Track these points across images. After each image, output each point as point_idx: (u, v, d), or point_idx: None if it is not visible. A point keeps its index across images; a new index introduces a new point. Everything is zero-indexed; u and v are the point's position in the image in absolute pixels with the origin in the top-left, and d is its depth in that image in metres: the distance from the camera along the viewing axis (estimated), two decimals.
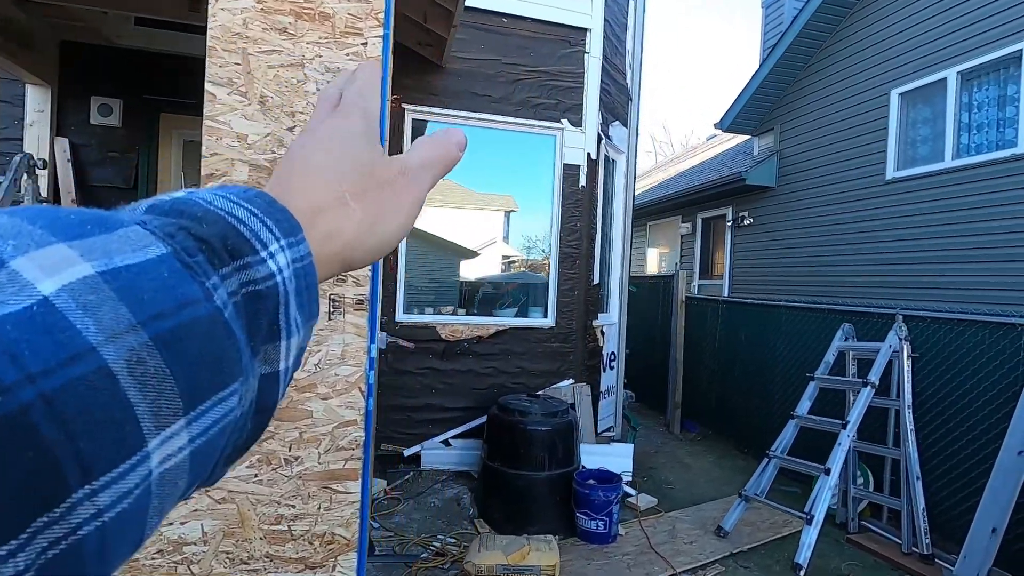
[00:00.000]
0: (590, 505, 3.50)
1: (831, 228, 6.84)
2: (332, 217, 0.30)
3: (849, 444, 3.47)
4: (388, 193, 0.33)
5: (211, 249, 0.23)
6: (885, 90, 6.15)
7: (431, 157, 0.36)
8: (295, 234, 0.27)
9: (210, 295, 0.22)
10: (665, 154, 20.05)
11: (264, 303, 0.25)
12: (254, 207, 0.26)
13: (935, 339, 3.90)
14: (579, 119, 4.57)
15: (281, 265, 0.25)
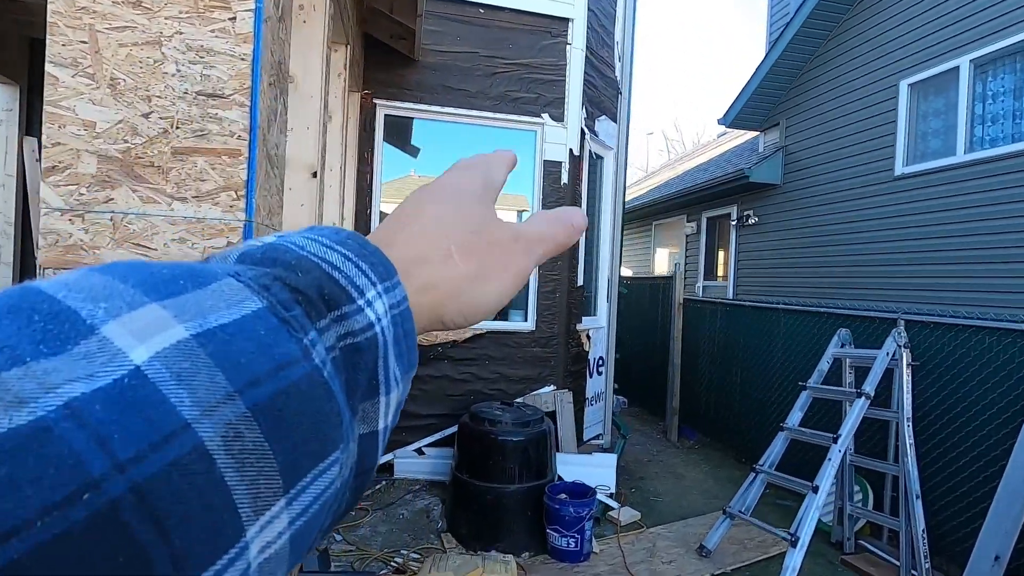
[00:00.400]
0: (560, 521, 3.30)
1: (837, 227, 6.52)
2: (433, 269, 0.29)
3: (840, 459, 3.22)
4: (497, 255, 0.31)
5: (308, 300, 0.21)
6: (894, 81, 5.83)
7: (548, 233, 0.34)
8: (391, 277, 0.25)
9: (308, 353, 0.20)
10: (677, 152, 19.66)
11: (363, 357, 0.22)
12: (347, 250, 0.24)
13: (939, 346, 3.61)
14: (561, 113, 4.37)
15: (379, 313, 0.23)
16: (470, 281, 0.30)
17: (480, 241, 0.30)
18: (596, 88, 4.72)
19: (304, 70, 2.32)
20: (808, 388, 3.74)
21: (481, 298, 0.30)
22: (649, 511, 4.30)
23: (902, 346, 3.47)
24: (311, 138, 2.32)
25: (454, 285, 0.29)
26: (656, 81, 52.64)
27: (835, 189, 6.56)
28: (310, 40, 2.31)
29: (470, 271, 0.29)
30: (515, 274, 0.32)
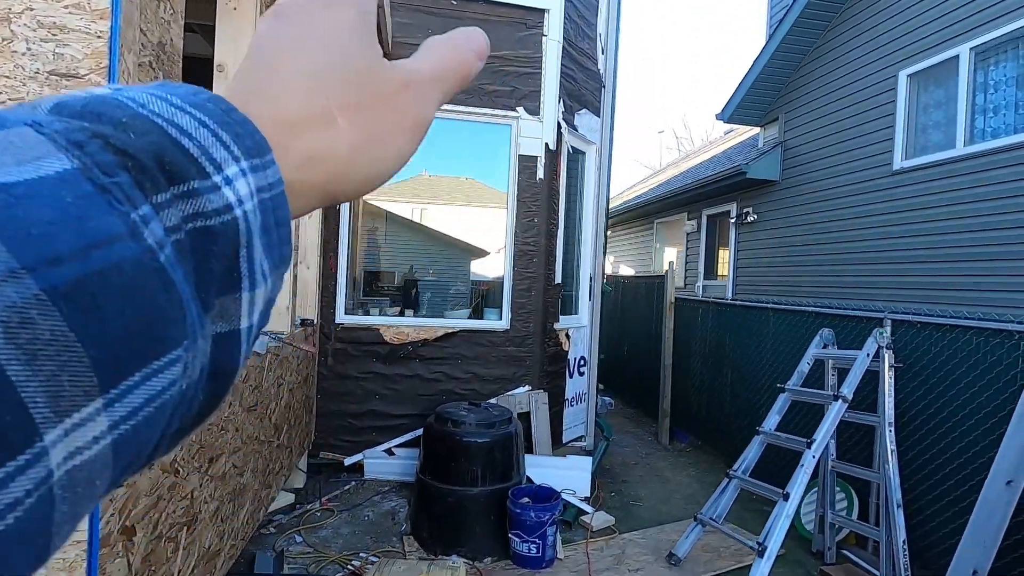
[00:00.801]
0: (522, 526, 3.20)
1: (835, 224, 6.31)
2: (314, 137, 0.23)
3: (815, 465, 3.06)
4: (387, 110, 0.25)
5: (140, 167, 0.17)
6: (893, 72, 5.61)
7: (444, 68, 0.28)
8: (262, 154, 0.21)
9: (137, 231, 0.17)
10: (686, 150, 19.38)
11: (218, 243, 0.19)
12: (205, 115, 0.20)
13: (926, 347, 3.44)
14: (536, 107, 4.26)
15: (242, 194, 0.20)
16: (359, 150, 0.25)
17: (365, 94, 0.25)
18: (575, 81, 4.60)
19: (235, 59, 2.25)
20: (787, 390, 3.59)
21: (377, 165, 0.26)
22: (626, 516, 4.18)
23: (884, 347, 3.30)
24: None
25: (343, 157, 0.24)
26: (667, 78, 52.15)
27: (834, 185, 6.35)
28: (240, 27, 2.24)
29: (359, 137, 0.25)
30: (413, 129, 0.27)
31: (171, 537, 1.67)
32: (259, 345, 2.48)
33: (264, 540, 3.43)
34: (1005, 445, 2.67)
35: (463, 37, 0.30)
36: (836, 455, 3.61)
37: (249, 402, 2.40)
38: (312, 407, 3.94)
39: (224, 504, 2.14)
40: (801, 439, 3.15)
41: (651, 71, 53.56)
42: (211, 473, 1.98)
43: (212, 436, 1.97)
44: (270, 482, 2.85)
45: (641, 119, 49.66)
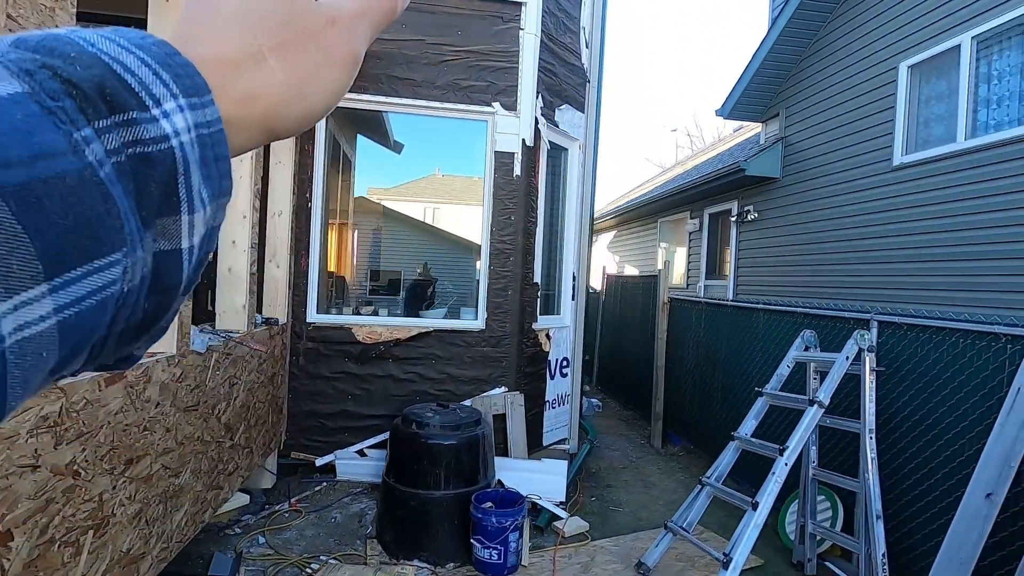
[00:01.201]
0: (484, 532, 3.11)
1: (836, 223, 6.10)
2: (248, 76, 0.25)
3: (787, 473, 2.92)
4: (315, 47, 0.27)
5: (83, 95, 0.19)
6: (894, 63, 5.38)
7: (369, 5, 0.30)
8: (200, 94, 0.22)
9: (79, 148, 0.19)
10: (697, 148, 19.08)
11: (155, 168, 0.21)
12: (148, 56, 0.21)
13: (912, 349, 3.27)
14: (513, 102, 4.17)
15: (178, 127, 0.21)
16: (295, 86, 0.26)
17: (292, 33, 0.26)
18: (556, 76, 4.49)
19: None
20: (764, 394, 3.44)
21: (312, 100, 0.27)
22: (603, 521, 4.06)
23: (865, 350, 3.14)
24: None
25: (276, 94, 0.26)
26: (678, 74, 51.48)
27: (834, 182, 6.13)
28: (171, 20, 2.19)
29: (289, 74, 0.26)
30: (343, 64, 0.28)
31: (69, 542, 1.62)
32: (199, 344, 2.43)
33: (228, 541, 3.39)
34: (986, 454, 2.51)
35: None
36: (817, 462, 3.46)
37: (187, 402, 2.35)
38: (282, 407, 3.90)
39: (151, 507, 2.09)
40: (774, 446, 3.01)
41: (662, 67, 52.95)
42: (130, 475, 1.93)
43: (131, 438, 1.92)
44: (220, 483, 2.80)
45: (654, 116, 49.14)
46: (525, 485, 3.94)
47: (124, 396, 1.87)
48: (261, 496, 3.92)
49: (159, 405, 2.12)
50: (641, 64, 54.37)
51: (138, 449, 1.98)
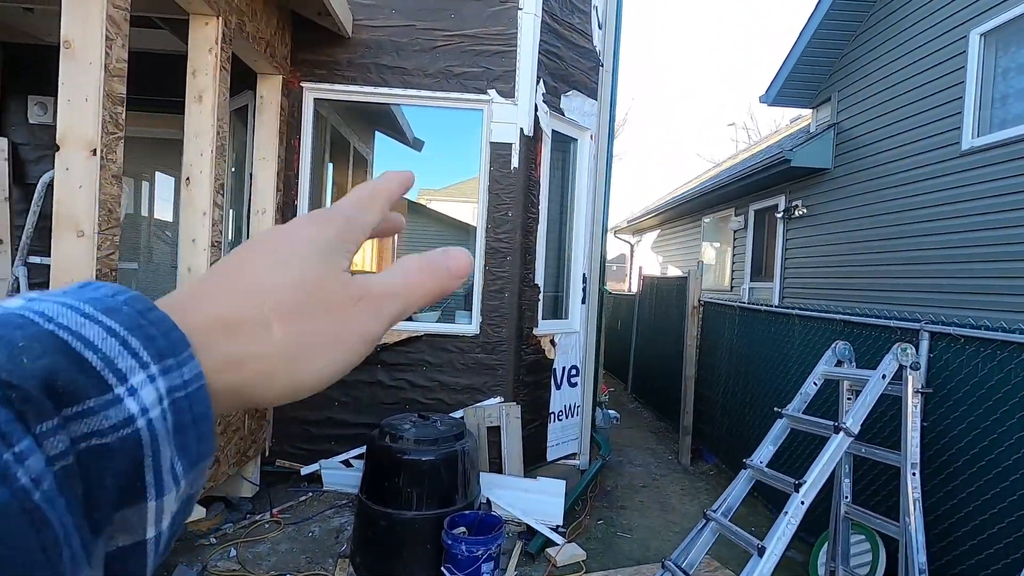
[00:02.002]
0: (453, 560, 2.82)
1: (894, 217, 5.38)
2: (242, 339, 0.23)
3: (804, 513, 2.44)
4: (329, 320, 0.25)
5: (24, 398, 0.17)
6: (963, 31, 4.65)
7: (408, 285, 0.28)
8: (176, 353, 0.21)
9: (9, 472, 0.16)
10: (753, 142, 17.99)
11: (114, 460, 0.19)
12: (115, 321, 0.20)
13: (971, 368, 2.69)
14: (511, 89, 3.85)
15: (147, 403, 0.19)
16: (288, 358, 0.24)
17: (308, 304, 0.25)
18: (560, 59, 4.13)
19: (83, 35, 2.04)
20: (784, 416, 2.95)
21: (303, 376, 0.24)
22: (605, 549, 3.67)
23: (908, 367, 2.60)
24: (89, 111, 2.04)
25: (267, 363, 0.24)
26: (734, 65, 49.13)
27: (891, 171, 5.42)
28: (88, 4, 2.02)
29: (289, 345, 0.24)
30: (352, 344, 0.26)
31: None
32: None
33: (202, 551, 3.26)
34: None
35: (440, 254, 0.30)
36: (852, 498, 2.93)
37: None
38: (264, 412, 3.75)
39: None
40: (789, 479, 2.53)
41: (719, 57, 50.80)
42: None
43: None
44: None
45: (709, 110, 47.22)
46: (519, 505, 3.61)
47: None
48: (247, 504, 3.79)
49: None
50: (696, 55, 52.35)
51: None
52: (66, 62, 2.03)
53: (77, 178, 2.03)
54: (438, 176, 6.71)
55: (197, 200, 2.85)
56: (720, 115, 45.96)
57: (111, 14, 2.06)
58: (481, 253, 3.88)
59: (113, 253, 2.13)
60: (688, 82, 50.28)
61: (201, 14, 2.79)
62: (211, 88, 2.83)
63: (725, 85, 47.74)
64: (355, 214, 0.29)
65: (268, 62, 3.50)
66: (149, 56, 4.12)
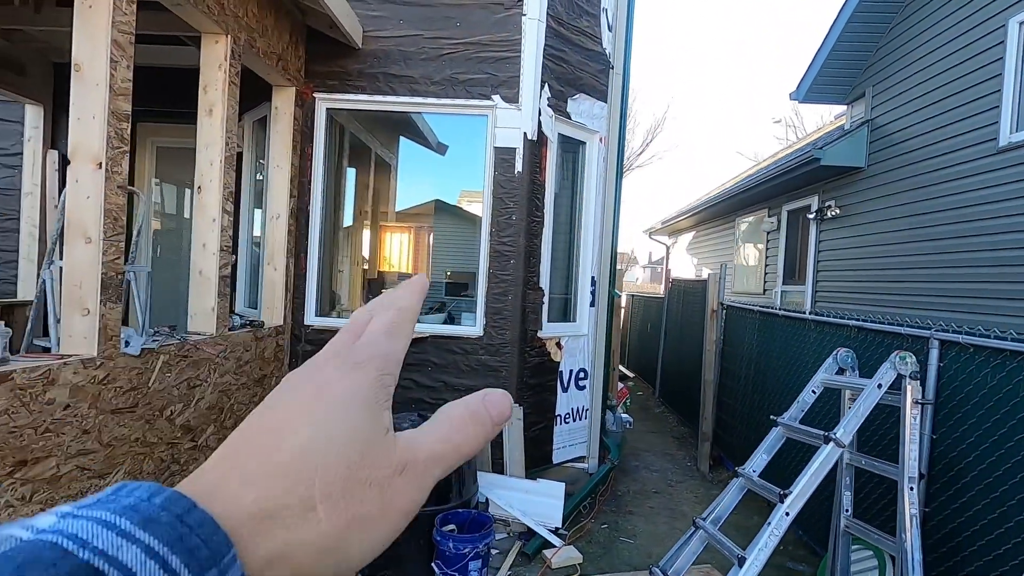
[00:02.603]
0: (442, 557, 2.89)
1: (928, 218, 5.11)
2: (285, 529, 0.22)
3: (788, 524, 2.37)
4: (374, 497, 0.23)
5: None
6: (1001, 20, 4.37)
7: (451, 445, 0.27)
8: (218, 562, 0.19)
9: None
10: (796, 139, 17.30)
11: None
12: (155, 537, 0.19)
13: (980, 379, 2.55)
14: (515, 94, 3.90)
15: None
16: (335, 540, 0.22)
17: (356, 482, 0.23)
18: (566, 63, 4.14)
19: (91, 59, 2.22)
20: (780, 424, 2.87)
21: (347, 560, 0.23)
22: (604, 554, 3.65)
23: (907, 376, 2.49)
24: (96, 127, 2.22)
25: (312, 553, 0.22)
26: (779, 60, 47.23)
27: (926, 169, 5.14)
28: (94, 26, 2.21)
29: (336, 528, 0.22)
30: (395, 521, 0.24)
31: None
32: (134, 346, 2.44)
33: None
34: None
35: (480, 402, 0.28)
36: (852, 511, 2.82)
37: (117, 404, 2.36)
38: None
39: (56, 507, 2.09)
40: (775, 489, 2.47)
41: (763, 52, 48.97)
42: (22, 476, 1.95)
43: (21, 440, 1.94)
44: (175, 484, 2.82)
45: (756, 107, 45.61)
46: (518, 506, 3.65)
47: (10, 399, 1.88)
48: None
49: (69, 407, 2.12)
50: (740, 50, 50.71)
51: (36, 451, 1.99)
52: (76, 83, 2.22)
53: (85, 189, 2.22)
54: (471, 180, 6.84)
55: (208, 207, 3.04)
56: (766, 111, 44.37)
57: (116, 38, 2.23)
58: (485, 256, 3.94)
59: (118, 258, 2.31)
60: (731, 78, 48.80)
61: (211, 33, 2.97)
62: (220, 102, 3.01)
63: (772, 80, 46.05)
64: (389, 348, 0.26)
65: (281, 75, 3.67)
66: (187, 72, 4.40)
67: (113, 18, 2.22)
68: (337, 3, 3.49)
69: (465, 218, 7.56)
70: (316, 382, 0.25)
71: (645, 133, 19.46)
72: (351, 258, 5.86)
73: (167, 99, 4.55)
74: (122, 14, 2.26)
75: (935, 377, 2.73)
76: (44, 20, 3.99)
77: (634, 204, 47.97)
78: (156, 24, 3.29)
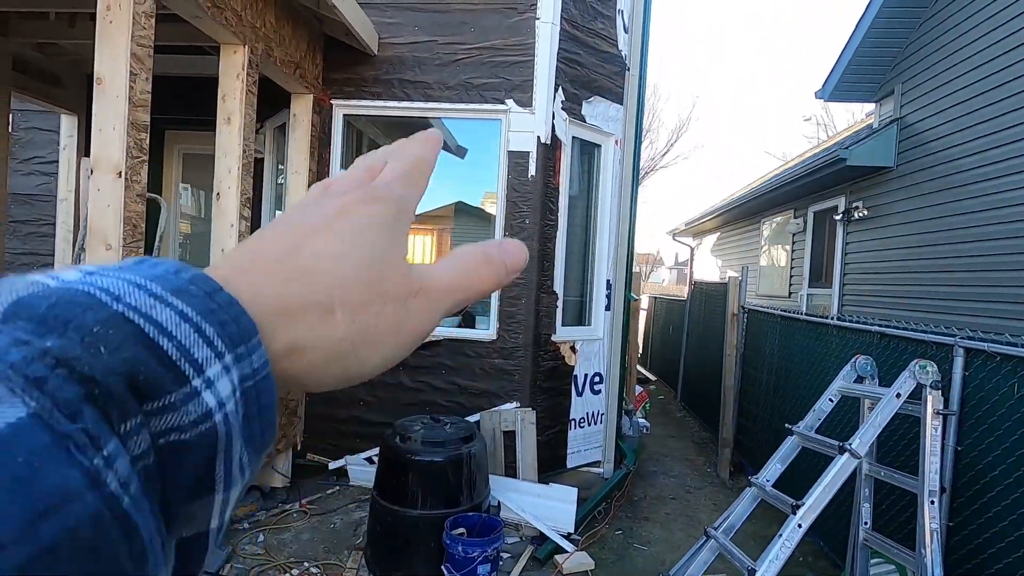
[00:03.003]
0: (451, 559, 2.90)
1: (963, 219, 4.92)
2: (305, 326, 0.22)
3: (801, 536, 2.32)
4: (390, 313, 0.24)
5: (108, 395, 0.15)
6: None
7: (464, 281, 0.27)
8: (247, 339, 0.19)
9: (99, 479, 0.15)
10: (828, 137, 16.85)
11: (192, 456, 0.17)
12: (187, 304, 0.18)
13: (1008, 388, 2.44)
14: (528, 98, 3.90)
15: (223, 396, 0.18)
16: (347, 348, 0.23)
17: (373, 295, 0.24)
18: (581, 66, 4.13)
19: (111, 72, 2.31)
20: (795, 433, 2.80)
21: (358, 366, 0.24)
22: (617, 560, 3.62)
23: (928, 385, 2.40)
24: (116, 138, 2.30)
25: (327, 352, 0.23)
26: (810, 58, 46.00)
27: (961, 168, 4.95)
28: (115, 41, 2.29)
29: (350, 334, 0.23)
30: (405, 339, 0.25)
31: None
32: None
33: (235, 535, 3.55)
34: None
35: (496, 248, 0.28)
36: (871, 523, 2.73)
37: None
38: (296, 409, 4.01)
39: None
40: (788, 499, 2.41)
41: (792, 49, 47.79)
42: None
43: None
44: None
45: (785, 106, 44.60)
46: (530, 510, 3.64)
47: None
48: (282, 493, 4.07)
49: None
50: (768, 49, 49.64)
51: None
52: (98, 96, 2.31)
53: (106, 198, 2.30)
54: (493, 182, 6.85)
55: (226, 212, 3.12)
56: (797, 109, 43.35)
57: (135, 51, 2.31)
58: None
59: None
60: (761, 77, 47.84)
61: (229, 43, 3.05)
62: (238, 111, 3.09)
63: (802, 77, 44.98)
64: (405, 193, 0.27)
65: (298, 83, 3.75)
66: (211, 81, 4.53)
67: (133, 32, 2.29)
68: (353, 11, 3.54)
69: (487, 219, 7.59)
70: (338, 203, 0.25)
71: (670, 133, 19.24)
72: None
73: (192, 107, 4.68)
74: (141, 28, 2.33)
75: (960, 387, 2.63)
76: (78, 34, 4.16)
77: (660, 205, 47.43)
78: (180, 35, 3.39)
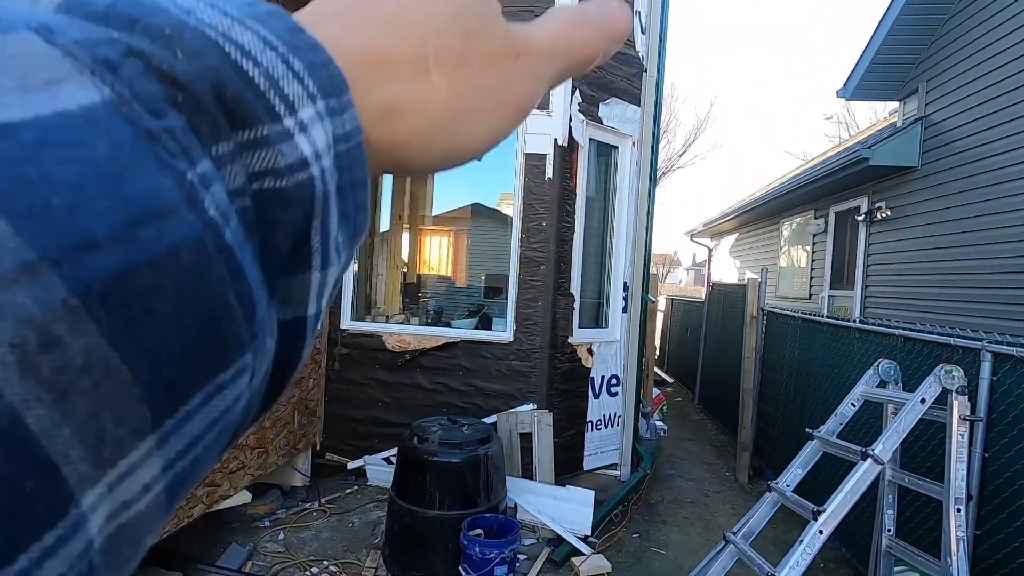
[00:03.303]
0: (469, 560, 2.92)
1: (991, 220, 4.80)
2: (401, 85, 0.18)
3: (822, 542, 2.28)
4: (491, 76, 0.20)
5: (195, 104, 0.13)
6: None
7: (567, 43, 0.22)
8: (338, 94, 0.16)
9: (196, 197, 0.12)
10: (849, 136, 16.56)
11: (289, 212, 0.14)
12: (271, 32, 0.14)
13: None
14: (545, 100, 3.90)
15: (319, 146, 0.15)
16: (450, 114, 0.19)
17: (472, 51, 0.19)
18: (598, 68, 4.11)
19: None
20: (816, 438, 2.76)
21: (464, 141, 0.20)
22: (634, 564, 3.60)
23: (954, 391, 2.36)
24: None
25: (428, 118, 0.19)
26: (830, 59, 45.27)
27: (988, 168, 4.84)
28: None
29: (451, 97, 0.19)
30: (510, 111, 0.21)
31: None
32: None
33: (256, 532, 3.61)
34: None
35: (597, 7, 0.23)
36: (894, 531, 2.69)
37: None
38: (315, 409, 4.06)
39: None
40: (809, 504, 2.38)
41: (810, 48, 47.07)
42: None
43: None
44: (217, 481, 2.97)
45: (806, 104, 43.95)
46: (547, 512, 3.65)
47: None
48: (302, 492, 4.13)
49: None
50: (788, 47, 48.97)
51: None
52: None
53: None
54: (510, 182, 6.87)
55: None
56: (817, 108, 42.75)
57: None
58: (515, 262, 3.96)
59: None
60: (781, 75, 47.24)
61: None
62: None
63: (823, 76, 44.33)
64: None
65: None
66: None
67: None
68: None
69: (504, 220, 7.63)
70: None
71: (687, 133, 19.07)
72: (388, 262, 5.98)
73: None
74: None
75: (987, 392, 2.58)
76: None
77: (678, 205, 47.04)
78: None
